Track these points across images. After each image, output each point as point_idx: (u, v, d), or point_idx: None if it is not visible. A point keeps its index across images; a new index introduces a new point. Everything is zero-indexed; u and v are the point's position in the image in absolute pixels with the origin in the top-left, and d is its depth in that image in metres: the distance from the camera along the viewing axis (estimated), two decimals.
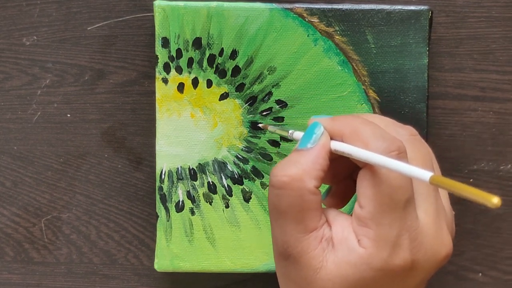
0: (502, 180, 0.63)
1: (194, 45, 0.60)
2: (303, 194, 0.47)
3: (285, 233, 0.47)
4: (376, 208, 0.46)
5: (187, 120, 0.60)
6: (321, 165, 0.47)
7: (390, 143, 0.46)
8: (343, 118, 0.49)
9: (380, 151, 0.45)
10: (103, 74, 0.63)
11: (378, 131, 0.47)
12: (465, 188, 0.39)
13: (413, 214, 0.46)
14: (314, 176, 0.47)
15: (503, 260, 0.64)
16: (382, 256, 0.46)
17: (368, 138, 0.46)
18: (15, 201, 0.64)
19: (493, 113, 0.63)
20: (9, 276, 0.64)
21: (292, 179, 0.46)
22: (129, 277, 0.64)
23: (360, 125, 0.47)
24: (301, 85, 0.60)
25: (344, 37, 0.60)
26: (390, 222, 0.46)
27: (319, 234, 0.47)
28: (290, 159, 0.48)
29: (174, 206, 0.61)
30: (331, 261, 0.47)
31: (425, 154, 0.49)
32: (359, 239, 0.46)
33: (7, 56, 0.63)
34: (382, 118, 0.51)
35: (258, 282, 0.64)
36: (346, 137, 0.48)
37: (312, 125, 0.49)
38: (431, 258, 0.47)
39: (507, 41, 0.62)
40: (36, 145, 0.64)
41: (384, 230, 0.46)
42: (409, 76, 0.60)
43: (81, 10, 0.63)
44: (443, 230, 0.48)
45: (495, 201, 0.37)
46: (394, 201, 0.45)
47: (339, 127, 0.48)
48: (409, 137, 0.49)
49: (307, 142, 0.48)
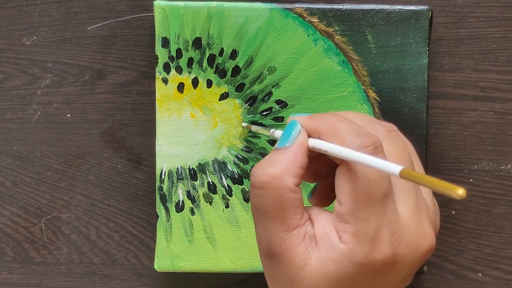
0: (503, 180, 0.63)
1: (194, 45, 0.60)
2: (283, 192, 0.47)
3: (268, 232, 0.48)
4: (354, 203, 0.46)
5: (187, 120, 0.60)
6: (300, 163, 0.48)
7: (366, 139, 0.46)
8: (320, 116, 0.49)
9: (355, 147, 0.46)
10: (103, 74, 0.63)
11: (354, 127, 0.47)
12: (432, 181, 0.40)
13: (391, 208, 0.47)
14: (293, 174, 0.47)
15: (503, 260, 0.64)
16: (362, 251, 0.46)
17: (344, 135, 0.47)
18: (15, 201, 0.64)
19: (493, 113, 0.63)
20: (9, 276, 0.64)
21: (271, 178, 0.47)
22: (129, 277, 0.64)
23: (336, 122, 0.48)
24: (301, 85, 0.60)
25: (344, 37, 0.60)
26: (368, 216, 0.46)
27: (301, 232, 0.47)
28: (269, 158, 0.48)
29: (174, 206, 0.61)
30: (315, 258, 0.47)
31: (402, 148, 0.49)
32: (339, 235, 0.47)
33: (7, 56, 0.63)
34: (360, 115, 0.51)
35: (258, 282, 0.64)
36: (323, 134, 0.48)
37: (289, 123, 0.49)
38: (413, 252, 0.47)
39: (507, 41, 0.62)
40: (36, 145, 0.64)
41: (363, 225, 0.46)
42: (409, 76, 0.60)
43: (81, 10, 0.63)
44: (424, 223, 0.48)
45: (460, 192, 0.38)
46: (371, 195, 0.46)
47: (316, 124, 0.49)
48: (386, 133, 0.49)
49: (285, 141, 0.48)
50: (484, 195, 0.63)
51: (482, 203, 0.63)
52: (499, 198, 0.63)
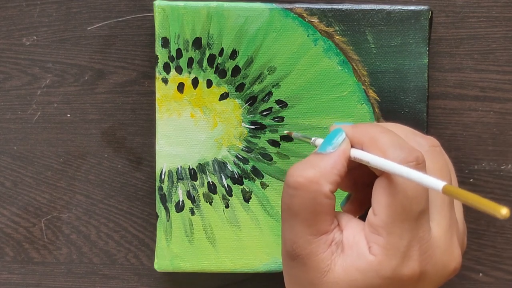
0: (503, 180, 0.63)
1: (194, 45, 0.60)
2: (317, 196, 0.47)
3: (295, 233, 0.47)
4: (389, 216, 0.46)
5: (187, 120, 0.60)
6: (339, 171, 0.47)
7: (408, 153, 0.46)
8: (363, 126, 0.49)
9: (397, 161, 0.46)
10: (103, 74, 0.63)
11: (396, 140, 0.47)
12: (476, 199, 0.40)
13: (425, 226, 0.47)
14: (330, 180, 0.47)
15: (505, 260, 0.64)
16: (391, 265, 0.46)
17: (386, 147, 0.47)
18: (15, 201, 0.64)
19: (493, 113, 0.63)
20: (9, 276, 0.64)
21: (308, 180, 0.47)
22: (129, 277, 0.64)
23: (379, 133, 0.48)
24: (301, 85, 0.60)
25: (344, 37, 0.60)
26: (401, 232, 0.46)
27: (329, 238, 0.47)
28: (309, 161, 0.48)
29: (174, 206, 0.61)
30: (339, 265, 0.47)
31: (443, 166, 0.49)
32: (369, 245, 0.47)
33: (7, 56, 0.63)
34: (403, 127, 0.51)
35: (258, 282, 0.64)
36: (365, 145, 0.48)
37: (334, 130, 0.49)
38: (439, 271, 0.48)
39: (507, 41, 0.62)
40: (36, 145, 0.64)
41: (394, 239, 0.46)
42: (409, 76, 0.60)
43: (81, 10, 0.63)
44: (454, 244, 0.48)
45: (504, 212, 0.38)
46: (408, 211, 0.46)
47: (359, 134, 0.48)
48: (429, 148, 0.49)
49: (327, 146, 0.48)
50: (484, 195, 0.63)
51: None
52: (499, 198, 0.63)
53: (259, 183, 0.61)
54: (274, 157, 0.61)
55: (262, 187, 0.61)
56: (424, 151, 0.48)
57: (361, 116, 0.60)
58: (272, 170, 0.61)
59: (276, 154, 0.61)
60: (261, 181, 0.61)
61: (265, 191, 0.61)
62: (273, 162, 0.61)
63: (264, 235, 0.61)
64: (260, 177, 0.61)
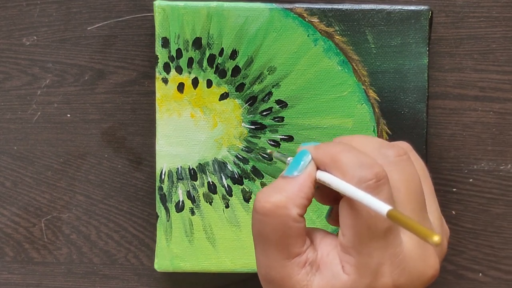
0: (502, 180, 0.63)
1: (194, 45, 0.60)
2: (286, 221, 0.46)
3: (268, 258, 0.48)
4: (355, 237, 0.46)
5: (187, 120, 0.60)
6: (306, 194, 0.47)
7: (368, 171, 0.46)
8: (325, 146, 0.48)
9: (356, 181, 0.45)
10: (103, 74, 0.63)
11: (356, 159, 0.47)
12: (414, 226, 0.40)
13: (395, 241, 0.46)
14: (298, 204, 0.47)
15: (503, 260, 0.64)
16: (364, 283, 0.46)
17: (346, 167, 0.46)
18: (15, 201, 0.64)
19: (493, 113, 0.63)
20: (9, 276, 0.64)
21: (275, 206, 0.46)
22: (129, 277, 0.64)
23: (339, 153, 0.47)
24: (301, 85, 0.60)
25: (344, 37, 0.60)
26: (370, 251, 0.46)
27: (302, 259, 0.47)
28: (275, 185, 0.47)
29: (174, 206, 0.61)
30: (316, 285, 0.47)
31: (410, 175, 0.48)
32: (342, 265, 0.47)
33: (7, 56, 0.63)
34: (370, 139, 0.50)
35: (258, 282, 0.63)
36: (327, 166, 0.47)
37: (300, 153, 0.49)
38: (415, 281, 0.47)
39: (507, 41, 0.62)
40: (36, 145, 0.64)
41: (364, 259, 0.46)
42: (409, 76, 0.60)
43: (81, 10, 0.63)
44: (429, 252, 0.48)
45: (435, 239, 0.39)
46: (373, 231, 0.45)
47: (322, 156, 0.48)
48: (395, 159, 0.48)
49: (293, 170, 0.48)
50: (483, 195, 0.63)
51: (481, 203, 0.63)
52: (498, 198, 0.63)
53: (259, 183, 0.61)
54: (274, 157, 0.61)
55: (262, 187, 0.61)
56: (390, 162, 0.48)
57: (361, 116, 0.60)
58: (272, 170, 0.61)
59: None
60: (261, 181, 0.61)
61: None
62: (273, 162, 0.61)
63: None
64: (260, 177, 0.61)
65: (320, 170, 0.48)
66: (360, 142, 0.49)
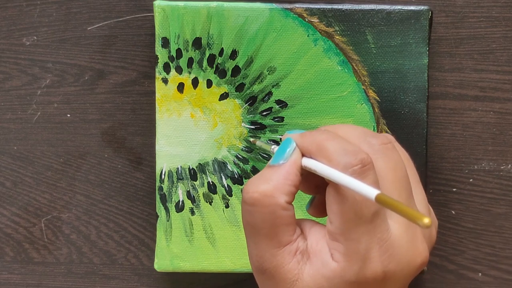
0: (503, 180, 0.63)
1: (194, 45, 0.60)
2: (275, 210, 0.47)
3: (259, 248, 0.48)
4: (343, 223, 0.46)
5: (187, 120, 0.60)
6: (293, 181, 0.48)
7: (353, 157, 0.46)
8: (311, 134, 0.49)
9: (342, 166, 0.46)
10: (103, 74, 0.63)
11: (341, 146, 0.47)
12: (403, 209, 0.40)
13: (383, 226, 0.47)
14: (285, 192, 0.47)
15: (503, 260, 0.64)
16: (353, 270, 0.46)
17: (331, 154, 0.47)
18: (15, 201, 0.64)
19: (493, 113, 0.63)
20: (9, 276, 0.64)
21: (263, 195, 0.47)
22: (129, 277, 0.64)
23: (325, 141, 0.47)
24: (301, 85, 0.60)
25: (344, 37, 0.60)
26: (358, 236, 0.46)
27: (293, 248, 0.48)
28: (262, 175, 0.48)
29: (174, 206, 0.61)
30: (307, 274, 0.47)
31: (396, 163, 0.49)
32: (331, 252, 0.47)
33: (7, 56, 0.63)
34: (354, 128, 0.50)
35: None
36: (313, 154, 0.48)
37: (284, 141, 0.49)
38: (405, 268, 0.47)
39: (507, 41, 0.62)
40: (36, 145, 0.64)
41: (353, 245, 0.46)
42: (409, 76, 0.60)
43: (81, 10, 0.63)
44: (417, 239, 0.48)
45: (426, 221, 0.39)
46: (360, 216, 0.46)
47: (307, 144, 0.48)
48: (380, 147, 0.49)
49: (279, 158, 0.48)
50: (484, 195, 0.63)
51: (482, 203, 0.63)
52: (499, 198, 0.63)
53: None
54: None
55: None
56: (375, 150, 0.48)
57: (361, 116, 0.60)
58: None
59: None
60: None
61: None
62: None
63: None
64: None
65: (305, 157, 0.48)
66: (345, 131, 0.49)
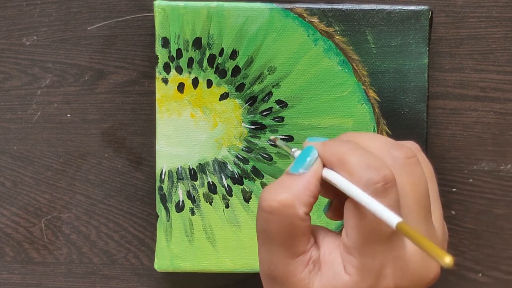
0: (503, 180, 0.63)
1: (194, 45, 0.60)
2: (293, 220, 0.46)
3: (273, 255, 0.47)
4: (359, 238, 0.45)
5: (187, 120, 0.60)
6: (312, 192, 0.46)
7: (376, 173, 0.45)
8: (333, 145, 0.47)
9: (363, 183, 0.45)
10: (103, 74, 0.63)
11: (364, 159, 0.45)
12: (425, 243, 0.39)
13: (399, 244, 0.46)
14: (305, 203, 0.46)
15: (504, 260, 0.64)
16: (365, 285, 0.46)
17: (353, 168, 0.45)
18: (15, 201, 0.64)
19: (493, 113, 0.63)
20: (9, 276, 0.64)
21: (282, 205, 0.46)
22: (129, 277, 0.64)
23: (346, 153, 0.46)
24: (301, 85, 0.60)
25: (344, 37, 0.60)
26: (373, 253, 0.45)
27: (306, 258, 0.47)
28: (281, 183, 0.47)
29: (174, 206, 0.61)
30: (317, 284, 0.46)
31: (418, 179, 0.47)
32: (344, 265, 0.46)
33: (7, 56, 0.63)
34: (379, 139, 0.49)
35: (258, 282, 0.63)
36: (334, 166, 0.47)
37: (306, 149, 0.48)
38: (416, 284, 0.47)
39: (507, 41, 0.62)
40: (36, 145, 0.64)
41: (367, 261, 0.45)
42: (409, 76, 0.60)
43: (81, 10, 0.63)
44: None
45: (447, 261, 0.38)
46: (378, 233, 0.45)
47: (329, 154, 0.47)
48: (404, 161, 0.47)
49: (299, 166, 0.47)
50: (484, 196, 0.63)
51: (482, 204, 0.63)
52: (499, 198, 0.63)
53: (259, 183, 0.61)
54: (274, 157, 0.61)
55: (262, 187, 0.61)
56: (398, 164, 0.47)
57: (361, 116, 0.60)
58: (272, 170, 0.61)
59: (276, 154, 0.61)
60: (261, 181, 0.61)
61: None
62: (273, 162, 0.61)
63: None
64: (260, 177, 0.61)
65: (326, 168, 0.47)
66: (368, 141, 0.48)
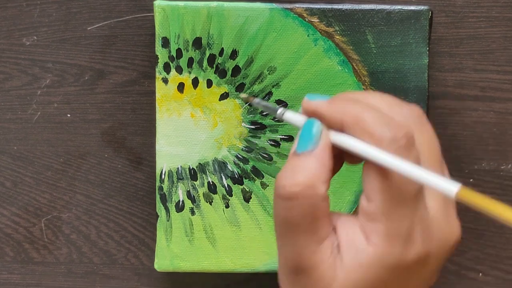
0: (503, 180, 0.63)
1: (194, 45, 0.60)
2: (315, 202, 0.43)
3: (297, 246, 0.44)
4: (385, 201, 0.42)
5: (187, 120, 0.60)
6: (329, 166, 0.44)
7: (397, 130, 0.42)
8: (341, 103, 0.44)
9: (386, 142, 0.42)
10: (103, 74, 0.63)
11: (382, 118, 0.43)
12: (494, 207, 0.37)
13: (423, 204, 0.43)
14: (323, 180, 0.43)
15: (505, 260, 0.64)
16: (395, 252, 0.43)
17: (372, 127, 0.42)
18: (15, 201, 0.64)
19: (493, 113, 0.63)
20: (9, 276, 0.64)
21: (304, 187, 0.43)
22: (129, 277, 0.64)
23: (362, 112, 0.43)
24: (301, 85, 0.60)
25: (344, 37, 0.60)
26: (401, 215, 0.42)
27: (330, 242, 0.44)
28: (294, 166, 0.44)
29: (174, 206, 0.61)
30: (340, 269, 0.43)
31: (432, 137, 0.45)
32: (367, 236, 0.43)
33: (7, 56, 0.63)
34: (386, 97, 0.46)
35: (258, 282, 0.64)
36: (348, 127, 0.43)
37: (307, 124, 0.45)
38: (442, 247, 0.44)
39: (507, 41, 0.62)
40: (36, 145, 0.64)
41: (395, 224, 0.42)
42: (409, 76, 0.60)
43: (81, 10, 0.63)
44: (451, 214, 0.45)
45: None
46: (405, 193, 0.42)
47: (339, 114, 0.44)
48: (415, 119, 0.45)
49: (307, 144, 0.44)
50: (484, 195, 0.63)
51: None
52: (499, 198, 0.63)
53: (259, 183, 0.61)
54: (274, 157, 0.61)
55: (262, 187, 0.61)
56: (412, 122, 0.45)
57: None
58: (272, 170, 0.61)
59: (276, 154, 0.61)
60: (261, 181, 0.61)
61: (265, 191, 0.61)
62: (273, 162, 0.61)
63: (264, 235, 0.61)
64: (260, 177, 0.61)
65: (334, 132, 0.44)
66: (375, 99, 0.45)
